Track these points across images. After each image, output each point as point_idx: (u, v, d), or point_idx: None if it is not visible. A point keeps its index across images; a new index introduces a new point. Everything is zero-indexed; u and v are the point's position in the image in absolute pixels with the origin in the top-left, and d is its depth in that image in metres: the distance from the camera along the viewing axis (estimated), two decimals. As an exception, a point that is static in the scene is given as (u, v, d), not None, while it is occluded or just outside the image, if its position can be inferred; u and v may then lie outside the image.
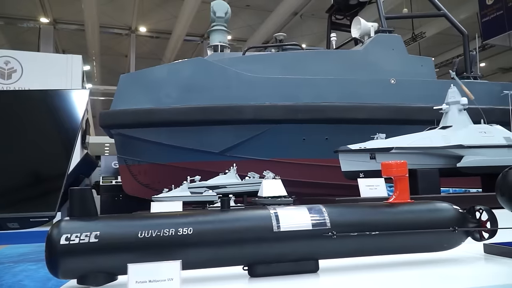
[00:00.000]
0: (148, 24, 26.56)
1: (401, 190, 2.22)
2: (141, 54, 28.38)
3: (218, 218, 1.90)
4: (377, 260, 2.16)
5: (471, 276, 1.96)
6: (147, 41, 28.32)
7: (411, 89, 8.25)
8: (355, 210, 2.10)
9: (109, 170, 14.30)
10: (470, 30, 10.69)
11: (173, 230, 1.78)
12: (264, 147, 7.80)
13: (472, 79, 9.25)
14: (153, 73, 8.25)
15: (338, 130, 7.64)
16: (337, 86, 8.04)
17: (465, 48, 9.50)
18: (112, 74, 27.35)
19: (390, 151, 4.61)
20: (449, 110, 5.09)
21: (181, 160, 7.90)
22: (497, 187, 2.28)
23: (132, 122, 7.85)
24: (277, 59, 8.58)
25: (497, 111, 7.52)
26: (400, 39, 9.09)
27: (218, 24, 9.81)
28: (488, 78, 26.82)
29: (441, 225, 2.06)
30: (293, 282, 1.83)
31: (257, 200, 3.83)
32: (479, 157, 4.62)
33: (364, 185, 3.19)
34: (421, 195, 4.26)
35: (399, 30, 22.12)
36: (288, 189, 4.40)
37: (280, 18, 23.81)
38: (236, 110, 7.63)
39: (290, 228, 1.91)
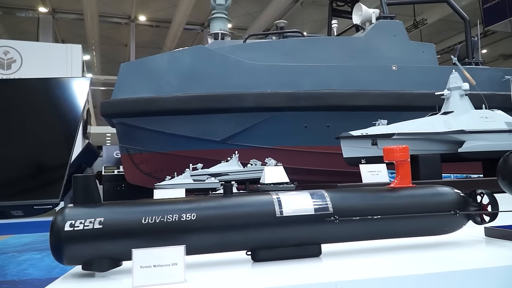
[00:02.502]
0: (148, 13, 26.35)
1: (402, 175, 2.22)
2: (141, 43, 28.22)
3: (221, 204, 1.91)
4: (380, 244, 2.17)
5: (473, 258, 1.98)
6: (147, 30, 28.13)
7: (412, 75, 8.23)
8: (357, 195, 2.11)
9: (111, 159, 14.34)
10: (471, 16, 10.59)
11: (176, 216, 1.79)
12: (265, 135, 7.81)
13: (474, 65, 9.21)
14: (154, 62, 8.24)
15: (339, 117, 7.64)
16: (338, 73, 8.02)
17: (466, 34, 9.44)
18: (112, 64, 27.24)
19: (391, 137, 4.62)
20: (451, 96, 5.07)
21: (183, 148, 7.92)
22: (498, 171, 2.28)
23: (133, 111, 7.86)
24: (278, 46, 8.55)
25: (499, 97, 7.51)
26: (401, 25, 9.03)
27: (218, 11, 9.76)
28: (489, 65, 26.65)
29: (442, 209, 2.07)
30: (296, 266, 1.85)
31: (260, 187, 3.85)
32: (480, 142, 4.62)
33: (366, 171, 3.20)
34: (422, 180, 4.27)
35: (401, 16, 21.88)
36: (290, 177, 4.42)
37: (281, 6, 23.61)
38: (237, 98, 7.63)
39: (292, 213, 1.91)
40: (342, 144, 4.81)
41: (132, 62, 10.96)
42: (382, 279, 1.65)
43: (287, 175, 4.09)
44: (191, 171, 4.99)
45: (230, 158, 5.78)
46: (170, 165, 7.35)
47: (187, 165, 5.88)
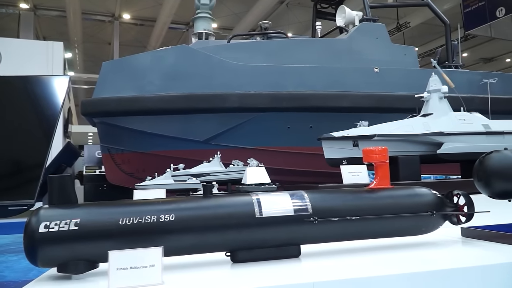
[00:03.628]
0: (132, 11, 26.10)
1: (381, 176, 2.25)
2: (125, 42, 27.95)
3: (200, 205, 1.90)
4: (358, 245, 2.19)
5: (449, 258, 2.01)
6: (131, 29, 27.87)
7: (394, 77, 8.34)
8: (337, 195, 2.12)
9: (92, 159, 14.14)
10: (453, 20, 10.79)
11: (154, 217, 1.77)
12: (248, 135, 7.82)
13: (454, 68, 9.38)
14: (136, 61, 8.17)
15: (322, 118, 7.70)
16: (321, 74, 8.08)
17: (447, 38, 9.62)
18: (95, 62, 26.88)
19: (372, 138, 4.67)
20: (430, 98, 5.16)
21: (165, 148, 7.87)
22: (474, 173, 2.33)
23: (115, 110, 7.78)
24: (262, 47, 8.57)
25: (477, 99, 7.66)
26: (384, 28, 9.15)
27: (202, 11, 9.73)
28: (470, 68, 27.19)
29: (419, 209, 2.10)
30: (275, 267, 1.85)
31: (241, 188, 3.85)
32: (458, 144, 4.71)
33: (347, 172, 3.23)
34: (402, 181, 4.33)
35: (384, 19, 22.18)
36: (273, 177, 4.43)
37: (266, 7, 23.68)
38: (221, 98, 7.62)
39: (272, 214, 1.92)
40: (324, 145, 4.85)
41: (115, 60, 10.85)
42: (359, 280, 1.66)
43: (270, 176, 4.10)
44: (172, 172, 4.96)
45: (212, 158, 5.77)
46: (152, 165, 7.30)
47: (169, 165, 5.84)
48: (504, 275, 1.79)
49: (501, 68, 32.65)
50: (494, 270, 1.80)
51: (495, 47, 28.78)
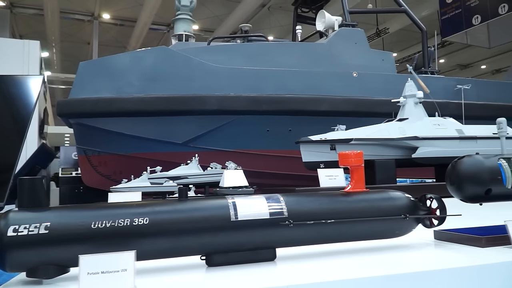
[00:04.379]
0: (112, 11, 25.76)
1: (357, 179, 2.27)
2: (104, 42, 27.55)
3: (175, 208, 1.88)
4: (333, 248, 2.21)
5: (422, 261, 2.04)
6: (111, 29, 27.51)
7: (372, 82, 8.47)
8: (312, 199, 2.13)
9: (69, 161, 13.89)
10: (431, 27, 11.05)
11: (128, 221, 1.74)
12: (228, 138, 7.82)
13: (430, 74, 9.58)
14: (115, 61, 8.07)
15: (301, 122, 7.75)
16: (301, 78, 8.14)
17: (423, 44, 9.82)
18: (73, 62, 26.33)
19: (349, 142, 4.72)
20: (406, 103, 5.26)
21: (144, 150, 7.80)
22: (447, 177, 2.38)
23: (92, 111, 7.66)
24: (242, 50, 8.58)
25: (452, 105, 7.85)
26: (362, 33, 9.28)
27: (183, 13, 9.69)
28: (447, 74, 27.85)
29: (393, 213, 2.13)
30: (250, 271, 1.84)
31: (218, 191, 3.83)
32: (432, 148, 4.81)
33: (324, 175, 3.26)
34: (378, 184, 4.39)
35: (364, 25, 22.55)
36: (252, 180, 4.43)
37: (248, 10, 23.72)
38: (200, 101, 7.59)
39: (247, 217, 1.91)
40: (302, 148, 4.88)
41: (92, 61, 10.69)
42: (334, 283, 1.67)
43: (249, 179, 4.10)
44: (148, 174, 4.91)
45: (190, 161, 5.74)
46: (130, 168, 7.21)
47: (147, 167, 5.78)
48: (473, 277, 1.83)
49: (477, 74, 33.54)
50: (464, 272, 1.84)
51: (471, 53, 29.54)
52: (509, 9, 16.75)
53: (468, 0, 18.64)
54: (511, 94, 10.22)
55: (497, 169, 2.30)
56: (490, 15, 17.64)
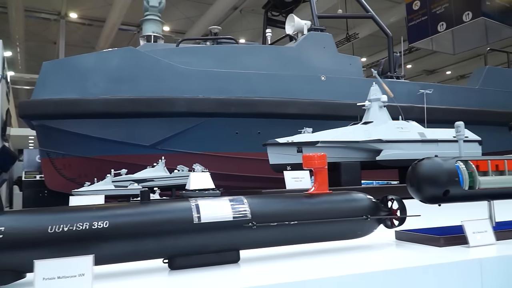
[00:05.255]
0: (80, 10, 25.11)
1: (320, 181, 2.30)
2: (71, 42, 26.80)
3: (136, 211, 1.85)
4: (297, 249, 2.22)
5: (382, 260, 2.09)
6: (79, 28, 26.80)
7: (339, 86, 8.61)
8: (276, 201, 2.15)
9: (32, 164, 13.44)
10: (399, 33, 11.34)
11: (87, 224, 1.71)
12: (196, 140, 7.76)
13: (395, 78, 9.83)
14: (80, 62, 7.88)
15: (270, 124, 7.80)
16: (269, 81, 8.19)
17: (389, 49, 10.08)
18: (38, 62, 25.32)
19: (316, 144, 4.78)
20: (371, 107, 5.38)
21: (110, 153, 7.64)
22: (407, 179, 2.44)
23: (56, 112, 7.45)
24: (211, 52, 8.56)
25: (416, 109, 8.08)
26: (331, 38, 9.43)
27: (151, 13, 9.58)
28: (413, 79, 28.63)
29: (355, 214, 2.17)
30: (214, 273, 1.84)
31: (184, 193, 3.80)
32: (396, 151, 4.93)
33: (290, 178, 3.28)
34: (343, 186, 4.47)
35: (334, 30, 22.94)
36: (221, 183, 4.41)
37: (220, 12, 23.64)
38: (168, 103, 7.51)
39: (210, 219, 1.90)
40: (269, 151, 4.91)
41: (56, 60, 10.40)
42: (297, 283, 1.69)
43: (217, 181, 4.09)
44: (112, 177, 4.81)
45: (156, 163, 5.67)
46: (95, 170, 7.05)
47: (114, 170, 5.67)
48: (431, 276, 1.89)
49: (442, 79, 34.66)
50: (422, 271, 1.89)
51: (437, 60, 30.49)
52: (473, 16, 17.42)
53: (434, 8, 19.26)
54: (472, 99, 10.65)
55: (454, 171, 2.38)
56: (454, 22, 18.28)
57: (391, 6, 23.55)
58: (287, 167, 4.47)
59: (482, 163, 2.49)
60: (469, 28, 18.38)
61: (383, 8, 22.86)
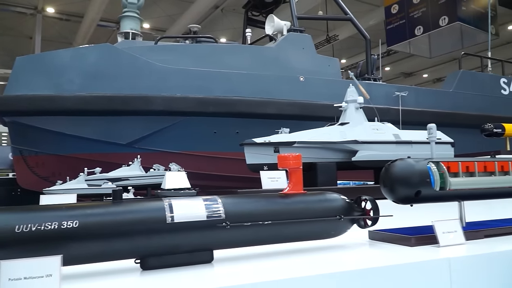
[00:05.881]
0: (57, 5, 24.58)
1: (295, 181, 2.31)
2: (48, 37, 26.21)
3: (108, 211, 1.82)
4: (270, 249, 2.23)
5: (355, 260, 2.11)
6: (56, 23, 26.22)
7: (318, 87, 8.68)
8: (250, 201, 2.14)
9: (4, 161, 13.14)
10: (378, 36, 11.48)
11: (56, 224, 1.67)
12: (174, 139, 7.70)
13: (373, 81, 9.97)
14: (55, 57, 7.70)
15: (249, 124, 7.79)
16: (248, 81, 8.19)
17: (367, 52, 10.21)
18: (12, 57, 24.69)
19: (292, 145, 4.81)
20: (347, 108, 5.45)
21: (85, 151, 7.50)
22: (380, 179, 2.47)
23: (29, 109, 7.27)
24: (190, 50, 8.50)
25: (393, 110, 8.21)
26: (310, 39, 9.49)
27: (130, 10, 9.46)
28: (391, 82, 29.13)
29: (329, 214, 2.19)
30: (187, 273, 1.82)
31: (159, 193, 3.77)
32: (371, 152, 5.01)
33: (266, 177, 3.29)
34: (319, 186, 4.50)
35: (315, 31, 23.12)
36: (199, 182, 4.39)
37: (201, 10, 23.55)
38: (146, 101, 7.43)
39: (184, 219, 1.89)
40: (246, 150, 4.91)
41: (30, 56, 10.14)
42: (270, 283, 1.69)
43: (195, 181, 4.07)
44: (85, 176, 4.72)
45: (131, 162, 5.59)
46: (69, 169, 6.90)
47: (89, 168, 5.57)
48: (402, 275, 1.92)
49: (419, 82, 35.38)
50: (394, 270, 1.92)
51: (414, 63, 31.11)
52: (449, 21, 17.85)
53: (412, 12, 19.65)
54: (446, 101, 10.90)
55: (426, 172, 2.42)
56: (431, 27, 18.71)
57: (371, 9, 23.91)
58: (264, 167, 4.47)
59: (452, 165, 2.55)
60: (445, 32, 18.84)
61: (362, 11, 23.17)
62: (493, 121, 8.03)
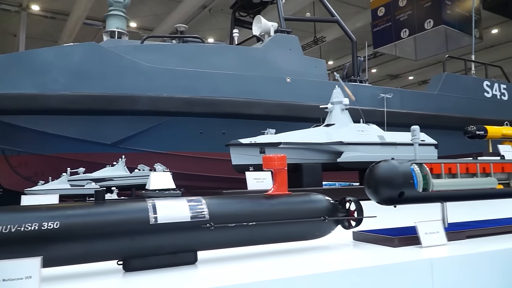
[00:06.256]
0: (42, 2, 24.23)
1: (279, 182, 2.31)
2: (33, 35, 25.82)
3: (90, 211, 1.79)
4: (255, 250, 2.23)
5: (339, 261, 2.12)
6: (41, 21, 25.84)
7: (304, 88, 8.71)
8: (235, 201, 2.14)
9: (-14, 161, 12.81)
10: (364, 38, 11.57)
11: (36, 225, 1.64)
12: (160, 139, 7.65)
13: (359, 82, 10.05)
14: (39, 55, 7.58)
15: (235, 125, 7.78)
16: (235, 81, 8.18)
17: (353, 54, 10.29)
18: (-4, 55, 24.33)
19: (278, 146, 4.82)
20: (333, 109, 5.48)
21: (69, 151, 7.40)
22: (365, 181, 2.49)
23: (12, 108, 7.15)
24: (177, 50, 8.46)
25: (378, 112, 8.28)
26: (297, 40, 9.52)
27: (115, 9, 9.37)
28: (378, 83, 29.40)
29: (313, 215, 2.19)
30: (170, 275, 1.81)
31: (144, 193, 3.74)
32: (356, 153, 5.04)
33: (252, 178, 3.29)
34: (305, 187, 4.52)
35: (302, 32, 23.20)
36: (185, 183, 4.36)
37: (189, 10, 23.46)
38: (131, 100, 7.36)
39: (167, 220, 1.87)
40: (231, 151, 4.91)
41: (13, 54, 9.96)
42: (254, 284, 1.69)
43: (180, 181, 4.04)
44: (68, 176, 4.66)
45: (116, 162, 5.54)
46: (53, 169, 6.80)
47: (72, 169, 5.50)
48: (385, 276, 1.93)
49: (405, 84, 35.79)
50: (377, 271, 1.93)
51: (400, 65, 31.46)
52: (434, 24, 18.11)
53: (398, 15, 19.88)
54: (431, 104, 11.04)
55: (409, 174, 2.44)
56: (417, 29, 18.95)
57: (358, 12, 24.11)
58: (250, 167, 4.47)
59: (435, 166, 2.58)
60: (431, 35, 19.11)
61: (350, 13, 23.35)
62: (476, 123, 8.16)
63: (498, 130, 7.66)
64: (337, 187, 6.19)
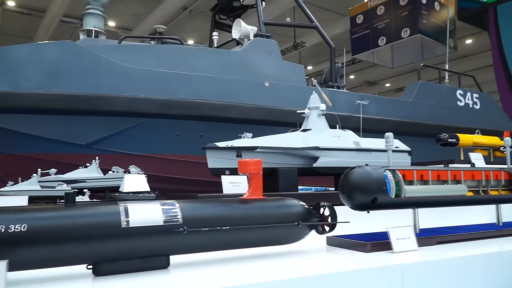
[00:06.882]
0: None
1: (254, 187, 2.31)
2: (7, 31, 25.10)
3: (59, 214, 1.75)
4: (228, 254, 2.22)
5: (312, 266, 2.13)
6: (16, 17, 25.14)
7: (282, 92, 8.75)
8: (209, 205, 2.13)
9: (-47, 160, 12.37)
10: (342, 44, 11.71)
11: (3, 227, 1.60)
12: (136, 141, 7.54)
13: (336, 88, 10.16)
14: (11, 52, 7.38)
15: (212, 128, 7.75)
16: (213, 84, 8.15)
17: (331, 60, 10.40)
18: (-32, 51, 23.52)
19: (255, 150, 4.82)
20: (310, 115, 5.53)
21: (41, 151, 7.21)
22: (339, 186, 2.52)
23: (-19, 106, 6.91)
24: (155, 51, 8.37)
25: (355, 118, 8.38)
26: (276, 45, 9.57)
27: (93, 7, 9.21)
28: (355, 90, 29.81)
29: (287, 219, 2.20)
30: (141, 279, 1.79)
31: (117, 196, 3.67)
32: (332, 158, 5.09)
33: (227, 182, 3.28)
34: (281, 192, 4.53)
35: (282, 37, 23.31)
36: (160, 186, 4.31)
37: (169, 11, 23.26)
38: (107, 101, 7.23)
39: (139, 224, 1.85)
40: (208, 154, 4.89)
41: (-14, 50, 9.70)
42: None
43: (156, 184, 3.99)
44: (39, 177, 4.54)
45: (89, 164, 5.43)
46: (24, 169, 6.61)
47: (46, 169, 5.37)
48: (357, 280, 1.95)
49: (382, 91, 36.40)
50: (349, 276, 1.95)
51: (377, 72, 31.98)
52: (410, 33, 18.51)
53: (376, 23, 20.24)
54: (406, 111, 11.27)
55: (382, 180, 2.48)
56: (394, 38, 19.32)
57: (337, 18, 24.40)
58: (226, 171, 4.46)
59: (408, 173, 2.63)
60: (407, 44, 19.51)
61: (329, 20, 23.62)
62: (449, 131, 8.37)
63: (470, 138, 7.88)
64: (313, 192, 6.23)
